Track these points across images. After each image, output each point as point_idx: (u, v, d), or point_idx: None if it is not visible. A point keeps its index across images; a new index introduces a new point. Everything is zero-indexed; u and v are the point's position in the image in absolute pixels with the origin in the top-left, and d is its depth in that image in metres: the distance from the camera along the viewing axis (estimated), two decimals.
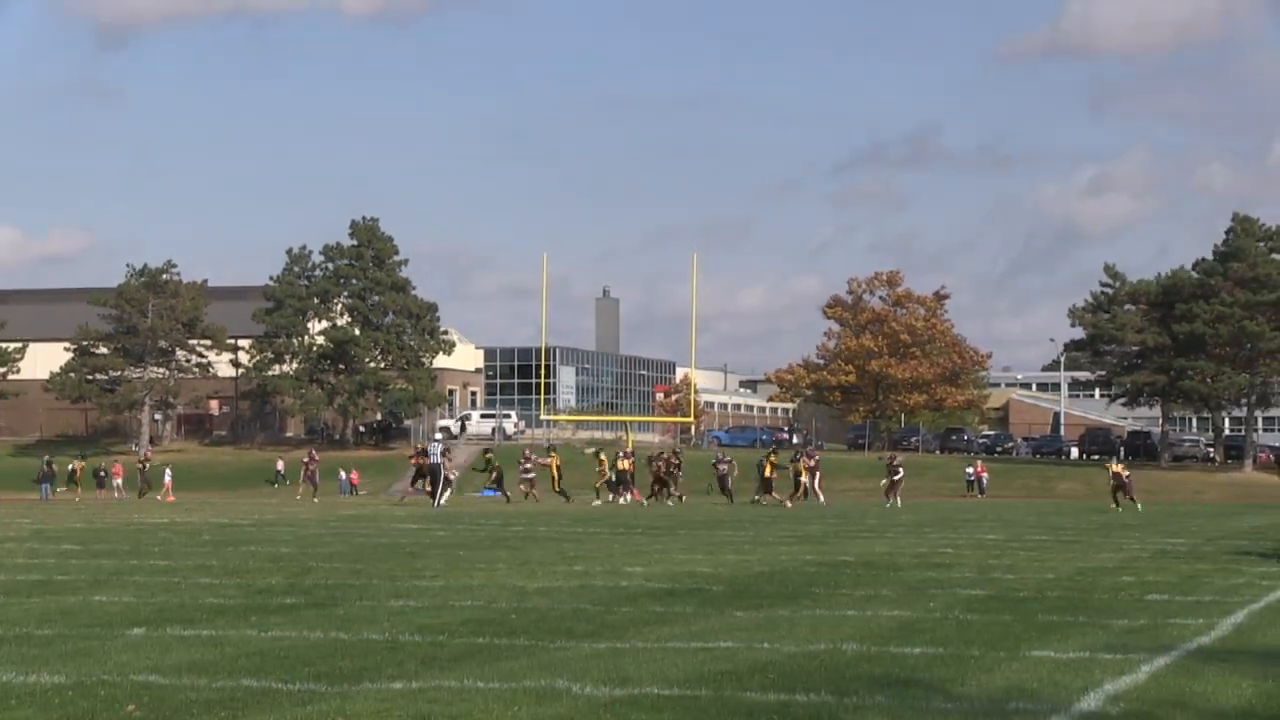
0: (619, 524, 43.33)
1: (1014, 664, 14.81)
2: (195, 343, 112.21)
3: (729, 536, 36.56)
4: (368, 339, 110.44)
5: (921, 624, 17.93)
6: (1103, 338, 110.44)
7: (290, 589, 21.96)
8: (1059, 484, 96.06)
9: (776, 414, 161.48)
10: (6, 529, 40.07)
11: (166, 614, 18.65)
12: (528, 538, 35.56)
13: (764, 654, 15.32)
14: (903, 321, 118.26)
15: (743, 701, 12.68)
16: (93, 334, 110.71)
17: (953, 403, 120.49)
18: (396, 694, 12.96)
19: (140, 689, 13.18)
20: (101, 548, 31.67)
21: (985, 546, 33.30)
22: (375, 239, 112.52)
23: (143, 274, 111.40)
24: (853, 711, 12.36)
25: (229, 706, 12.44)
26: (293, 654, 15.16)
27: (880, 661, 14.84)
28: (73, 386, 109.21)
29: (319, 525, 42.00)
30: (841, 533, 39.04)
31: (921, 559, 29.05)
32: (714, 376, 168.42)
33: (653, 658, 15.00)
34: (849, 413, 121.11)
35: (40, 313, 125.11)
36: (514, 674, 13.90)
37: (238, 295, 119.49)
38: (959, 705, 12.68)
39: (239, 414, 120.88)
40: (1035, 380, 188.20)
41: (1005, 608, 19.73)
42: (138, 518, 47.20)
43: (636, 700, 12.73)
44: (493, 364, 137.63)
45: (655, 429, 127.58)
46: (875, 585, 23.06)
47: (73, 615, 18.54)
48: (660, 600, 20.55)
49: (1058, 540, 36.10)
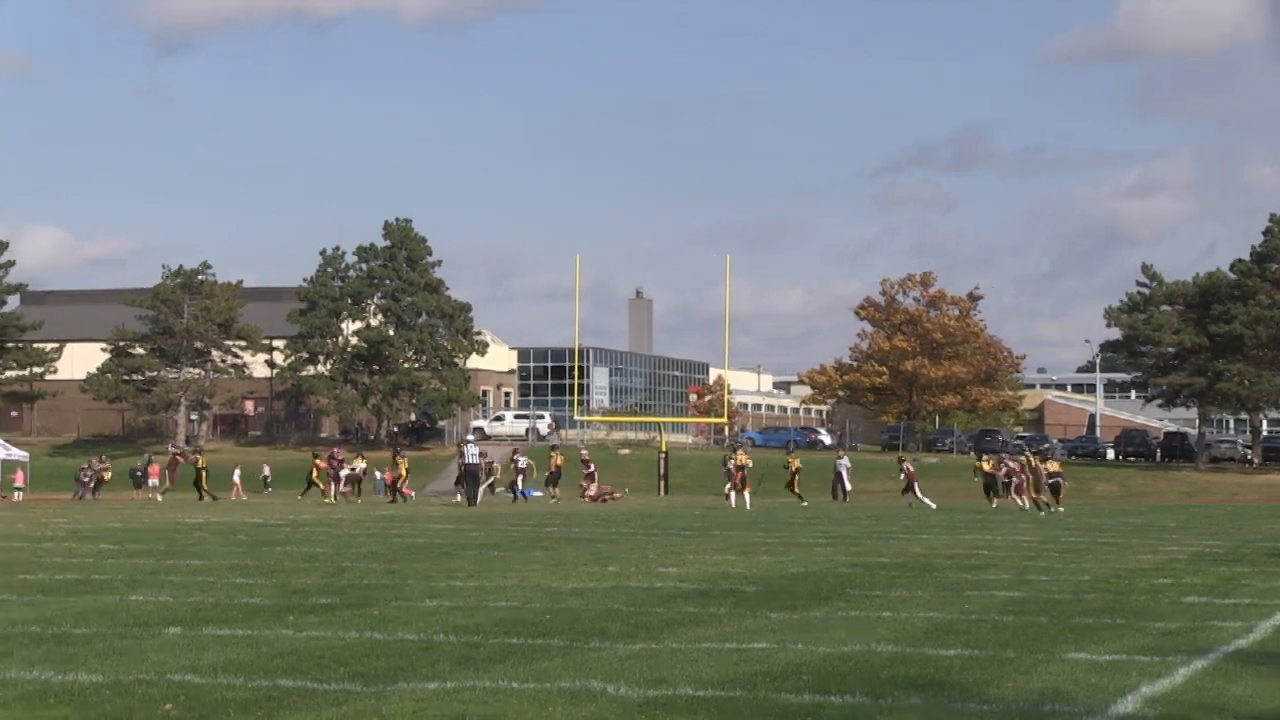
0: (653, 525, 43.33)
1: (1050, 666, 14.77)
2: (230, 343, 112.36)
3: (762, 538, 36.53)
4: (401, 339, 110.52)
5: (956, 626, 17.90)
6: (1139, 339, 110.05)
7: (325, 589, 22.01)
8: (1095, 485, 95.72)
9: (810, 415, 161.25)
10: (44, 528, 40.22)
11: (203, 614, 18.70)
12: (562, 538, 35.58)
13: (798, 655, 15.31)
14: (936, 322, 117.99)
15: (777, 703, 12.68)
16: (129, 335, 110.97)
17: (987, 404, 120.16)
18: (431, 694, 12.99)
19: (177, 688, 13.23)
20: (138, 547, 31.77)
21: (1021, 548, 33.23)
22: (409, 240, 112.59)
23: (179, 275, 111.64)
24: (887, 713, 12.35)
25: (265, 706, 12.48)
26: (328, 654, 15.20)
27: (915, 663, 14.82)
28: (109, 387, 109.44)
29: (354, 525, 42.06)
30: (876, 534, 38.98)
31: (956, 560, 29.00)
32: (747, 377, 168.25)
33: (687, 659, 15.01)
34: (882, 414, 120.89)
35: (77, 314, 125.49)
36: (548, 675, 13.91)
37: (272, 296, 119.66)
38: (994, 707, 12.65)
39: (274, 414, 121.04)
40: (1070, 381, 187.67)
41: (1041, 609, 19.68)
42: (174, 518, 47.31)
43: (670, 701, 12.73)
44: (526, 365, 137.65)
45: (689, 430, 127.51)
46: (910, 586, 23.03)
47: (110, 614, 18.60)
48: (694, 601, 20.55)
49: (1094, 542, 36.00)
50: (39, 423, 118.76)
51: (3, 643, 16.03)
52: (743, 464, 61.57)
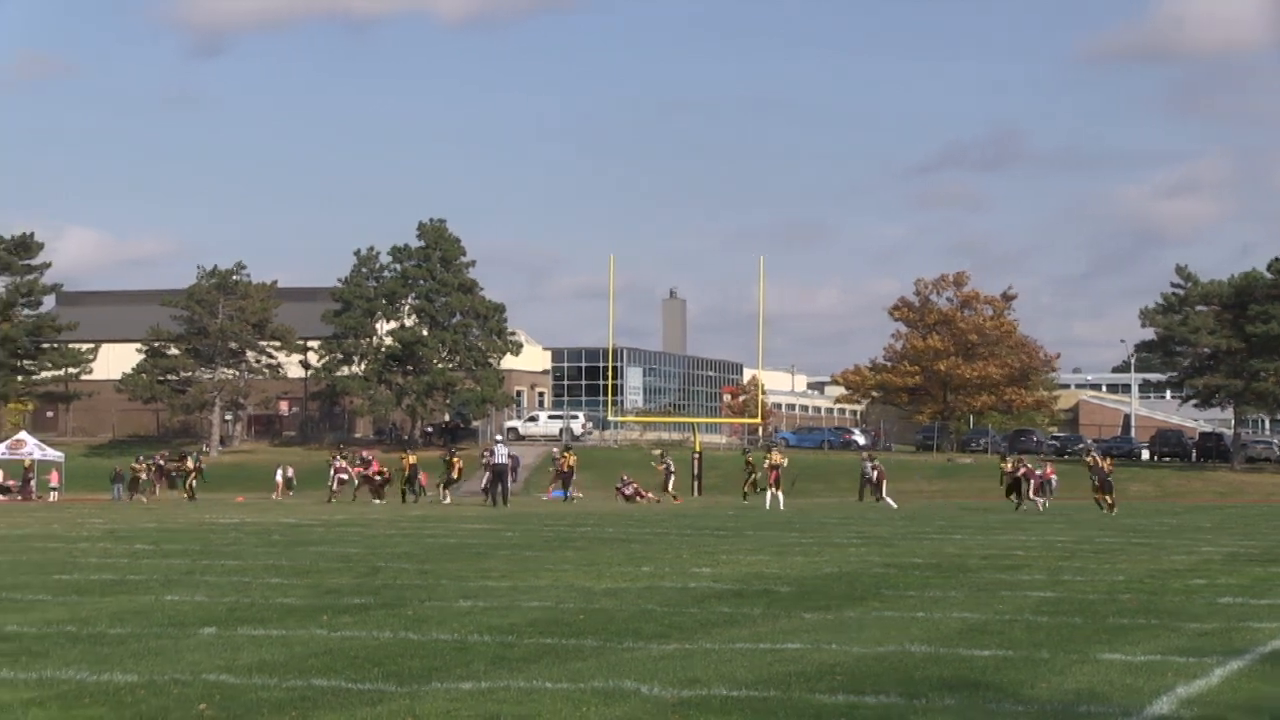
0: (686, 525, 43.32)
1: (1084, 667, 14.74)
2: (265, 344, 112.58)
3: (796, 538, 36.50)
4: (435, 340, 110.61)
5: (991, 626, 17.87)
6: (1174, 339, 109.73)
7: (359, 589, 22.05)
8: (1130, 486, 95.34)
9: (844, 415, 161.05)
10: (80, 529, 40.35)
11: (237, 614, 18.75)
12: (595, 538, 35.60)
13: (832, 655, 15.30)
14: (970, 322, 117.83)
15: (811, 703, 12.67)
16: (164, 335, 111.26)
17: (1021, 404, 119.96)
18: (465, 694, 13.00)
19: (212, 688, 13.27)
20: (173, 548, 31.86)
21: (1055, 548, 33.15)
22: (443, 240, 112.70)
23: (213, 275, 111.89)
24: (921, 714, 12.34)
25: (299, 706, 12.50)
26: (362, 654, 15.23)
27: (949, 663, 14.80)
28: (144, 387, 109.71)
29: (388, 526, 42.12)
30: (910, 534, 38.92)
31: (990, 560, 28.94)
32: (781, 378, 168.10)
33: (721, 659, 15.01)
34: (917, 414, 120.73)
35: (113, 314, 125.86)
36: (582, 675, 13.92)
37: (307, 297, 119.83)
38: (1029, 708, 12.63)
39: (308, 415, 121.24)
40: (1105, 381, 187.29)
41: (1075, 610, 19.63)
42: (209, 518, 47.44)
43: (704, 701, 12.73)
44: (560, 365, 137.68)
45: (723, 430, 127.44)
46: (944, 587, 23.00)
47: (145, 615, 18.66)
48: (728, 602, 20.54)
49: (1128, 542, 35.90)
50: (74, 423, 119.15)
51: (39, 643, 16.08)
52: (777, 464, 61.51)
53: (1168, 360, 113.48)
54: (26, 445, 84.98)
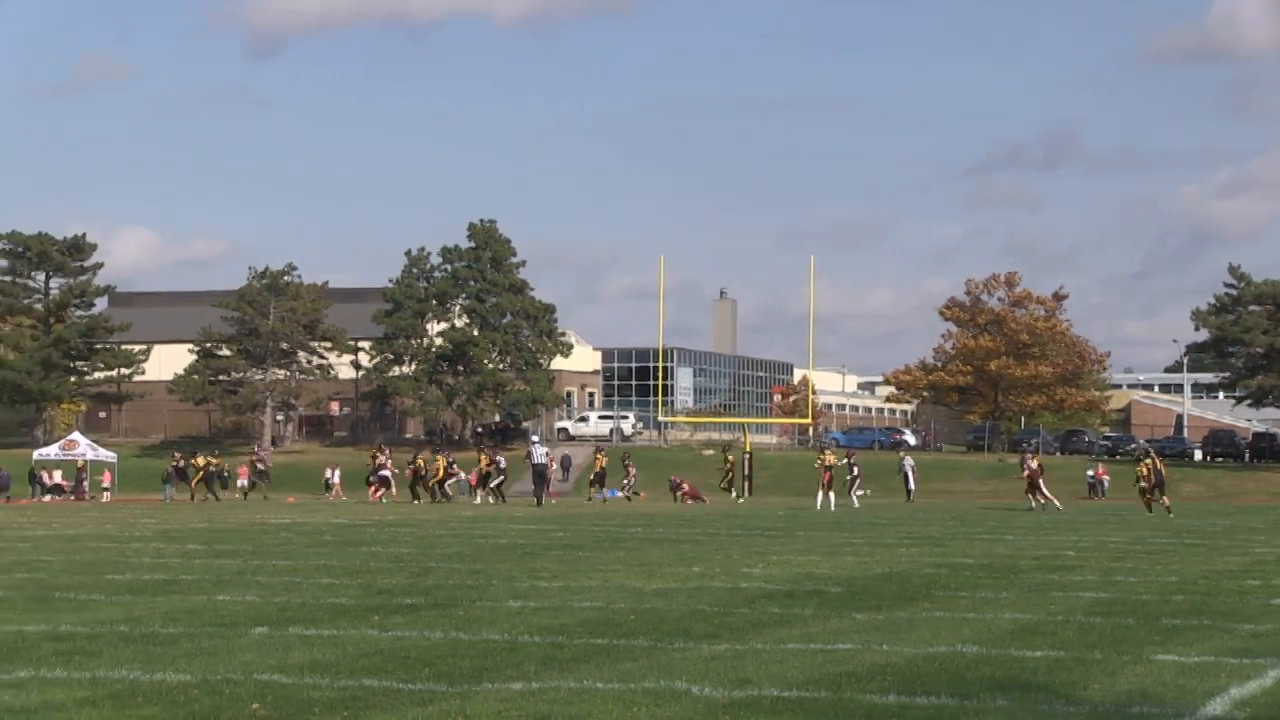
0: (737, 525, 43.29)
1: (1137, 668, 14.68)
2: (316, 344, 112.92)
3: (847, 539, 36.44)
4: (486, 340, 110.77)
5: (1043, 627, 17.81)
6: (1227, 339, 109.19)
7: (410, 589, 22.09)
8: (1182, 486, 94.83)
9: (895, 415, 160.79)
10: (132, 529, 40.54)
11: (289, 614, 18.80)
12: (646, 539, 35.60)
13: (883, 656, 15.28)
14: (1021, 322, 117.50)
15: (862, 704, 12.65)
16: (215, 336, 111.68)
17: (1073, 404, 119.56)
18: (516, 694, 13.02)
19: (264, 688, 13.31)
20: (225, 548, 31.97)
21: (1107, 549, 33.03)
22: (493, 240, 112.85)
23: (264, 276, 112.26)
24: (973, 714, 12.30)
25: (351, 706, 12.53)
26: (413, 654, 15.26)
27: (1001, 664, 14.76)
28: (196, 388, 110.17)
29: (438, 526, 42.19)
30: (961, 535, 38.82)
31: (1042, 561, 28.84)
32: (832, 378, 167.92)
33: (771, 659, 14.99)
34: (967, 414, 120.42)
35: (164, 315, 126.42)
36: (633, 675, 13.92)
37: (357, 297, 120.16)
38: (1081, 709, 12.58)
39: (359, 415, 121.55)
40: (1158, 381, 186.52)
41: (1128, 611, 19.56)
42: (260, 518, 47.60)
43: (755, 702, 12.72)
44: (610, 365, 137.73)
45: (773, 430, 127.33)
46: (995, 588, 22.93)
47: (197, 614, 18.73)
48: (779, 602, 20.52)
49: (1181, 543, 35.74)
50: (127, 424, 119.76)
51: (91, 642, 16.16)
52: (830, 464, 61.42)
53: (1220, 360, 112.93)
54: (79, 446, 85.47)
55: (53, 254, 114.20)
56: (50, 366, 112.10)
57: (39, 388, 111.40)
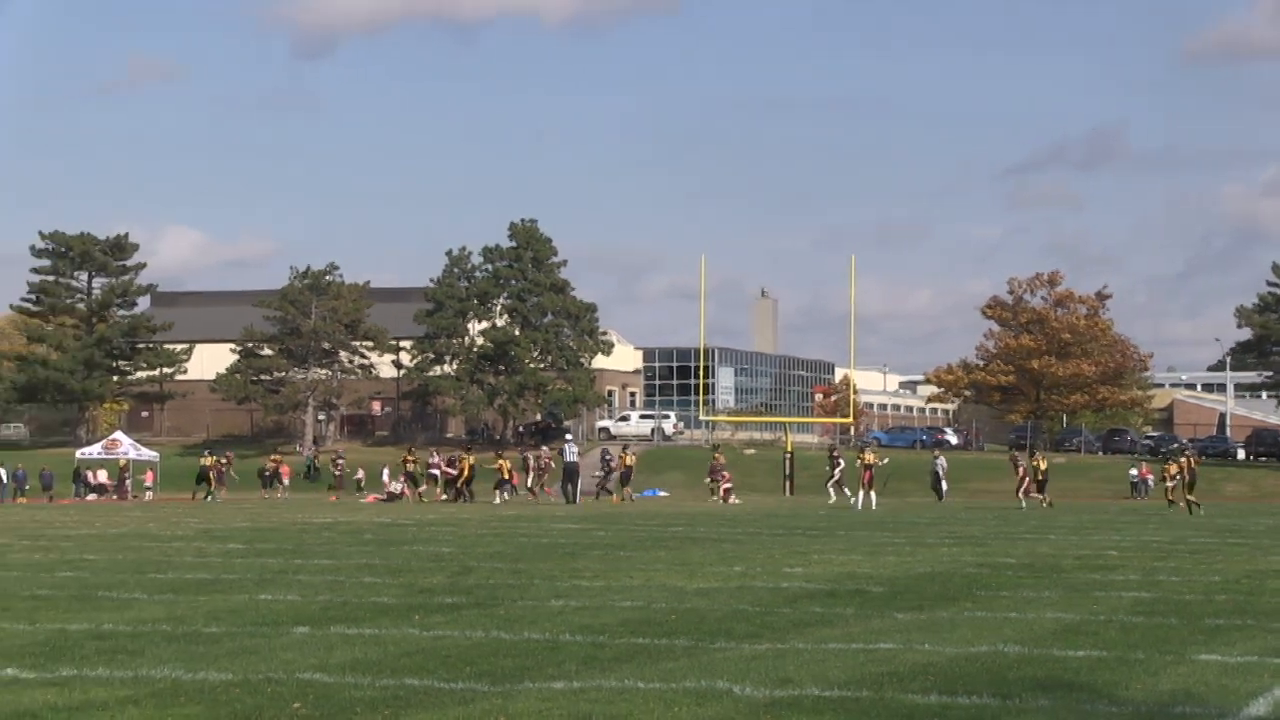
0: (778, 525, 43.26)
1: (1180, 668, 14.63)
2: (357, 344, 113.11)
3: (889, 538, 36.39)
4: (527, 340, 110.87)
5: (1085, 627, 17.76)
6: (1271, 338, 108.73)
7: (452, 588, 22.12)
8: (1225, 486, 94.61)
9: (936, 414, 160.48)
10: (174, 528, 40.68)
11: (331, 613, 18.85)
12: (687, 538, 35.60)
13: (925, 656, 15.25)
14: (1064, 321, 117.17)
15: (904, 703, 12.63)
16: (257, 335, 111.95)
17: (1114, 403, 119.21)
18: (557, 693, 13.03)
19: (305, 687, 13.34)
20: (266, 547, 32.06)
21: (1150, 549, 32.92)
22: (534, 240, 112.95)
23: (306, 276, 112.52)
24: (1015, 714, 12.28)
25: (392, 705, 12.56)
26: (455, 653, 15.28)
27: (1043, 664, 14.73)
28: (238, 387, 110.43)
29: (480, 525, 42.25)
30: (1003, 534, 38.73)
31: (1084, 561, 28.77)
32: (873, 377, 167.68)
33: (813, 659, 14.98)
34: (1009, 413, 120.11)
35: (207, 315, 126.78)
36: (674, 675, 13.92)
37: (399, 297, 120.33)
38: (1123, 709, 12.55)
39: (400, 415, 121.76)
40: (1200, 381, 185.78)
41: (1170, 611, 19.49)
42: (302, 518, 47.72)
43: (797, 701, 12.71)
44: (651, 365, 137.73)
45: (814, 430, 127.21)
46: (1037, 587, 22.88)
47: (239, 614, 18.78)
48: (820, 601, 20.50)
49: (1224, 543, 35.61)
50: (169, 423, 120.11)
51: (134, 641, 16.22)
52: (870, 463, 61.32)
53: (1263, 360, 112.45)
54: (122, 445, 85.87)
55: (95, 254, 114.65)
56: (93, 366, 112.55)
57: (82, 387, 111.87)
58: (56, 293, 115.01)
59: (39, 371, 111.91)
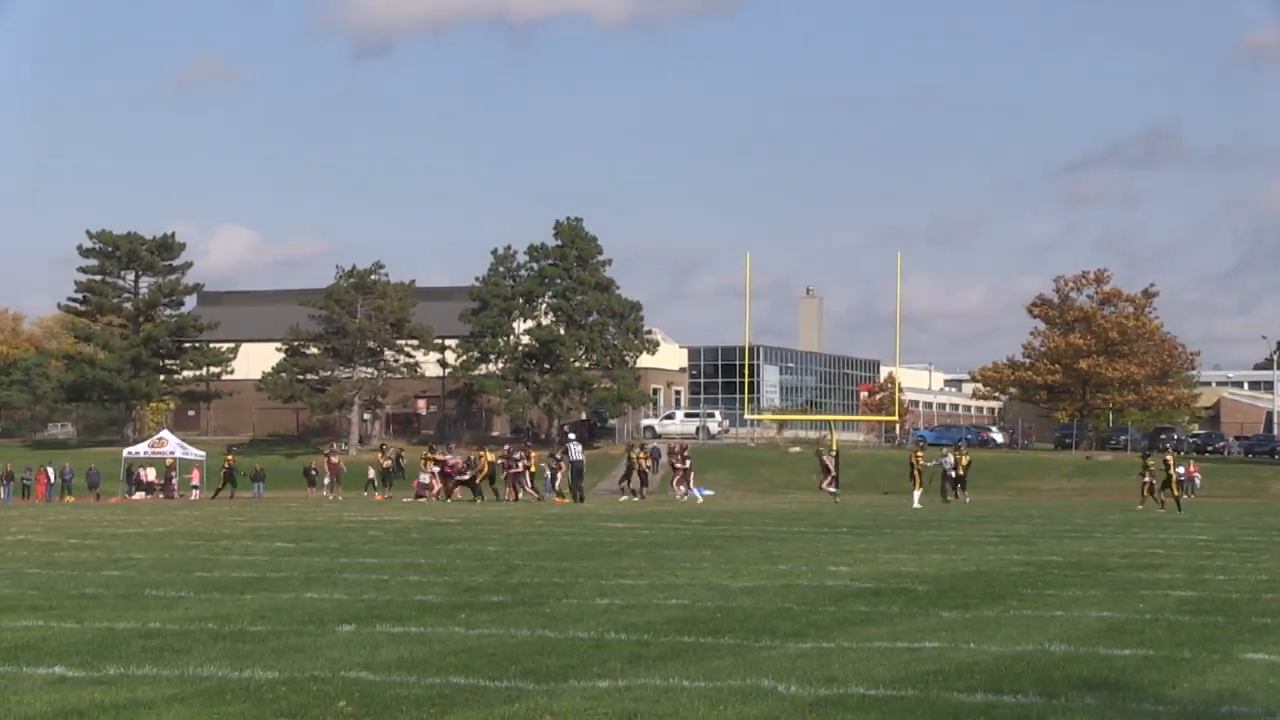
0: (823, 523, 43.20)
1: (1227, 667, 14.58)
2: (403, 343, 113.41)
3: (934, 536, 36.32)
4: (572, 338, 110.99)
5: (1131, 625, 17.70)
6: None
7: (497, 587, 22.15)
8: (1272, 484, 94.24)
9: (982, 412, 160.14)
10: (221, 526, 40.81)
11: (376, 611, 18.88)
12: (732, 536, 35.58)
13: (970, 654, 15.22)
14: (1112, 320, 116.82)
15: (949, 702, 12.60)
16: (303, 334, 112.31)
17: (1160, 401, 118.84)
18: (602, 692, 13.03)
19: (351, 685, 13.37)
20: (312, 545, 32.13)
21: (1196, 547, 32.80)
22: (579, 239, 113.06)
23: (351, 275, 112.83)
24: (1061, 713, 12.24)
25: (438, 703, 12.58)
26: (500, 651, 15.30)
27: (1088, 663, 14.68)
28: (284, 386, 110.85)
29: (524, 524, 42.28)
30: (1049, 533, 38.62)
31: (1130, 559, 28.68)
32: (919, 375, 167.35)
33: (858, 657, 14.96)
34: (1055, 411, 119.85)
35: (253, 314, 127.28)
36: (719, 673, 13.92)
37: (444, 296, 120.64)
38: (1170, 708, 12.50)
39: (446, 413, 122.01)
40: (1247, 379, 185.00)
41: (1217, 609, 19.41)
42: (348, 516, 47.83)
43: (842, 700, 12.70)
44: (697, 363, 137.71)
45: (859, 428, 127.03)
46: (1083, 586, 22.81)
47: (285, 612, 18.83)
48: (866, 600, 20.47)
49: (1271, 541, 35.47)
50: (215, 422, 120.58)
51: (180, 639, 16.28)
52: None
53: None
54: (168, 444, 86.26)
55: (142, 253, 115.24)
56: (140, 365, 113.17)
57: (129, 386, 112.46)
58: (104, 292, 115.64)
59: (86, 371, 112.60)
